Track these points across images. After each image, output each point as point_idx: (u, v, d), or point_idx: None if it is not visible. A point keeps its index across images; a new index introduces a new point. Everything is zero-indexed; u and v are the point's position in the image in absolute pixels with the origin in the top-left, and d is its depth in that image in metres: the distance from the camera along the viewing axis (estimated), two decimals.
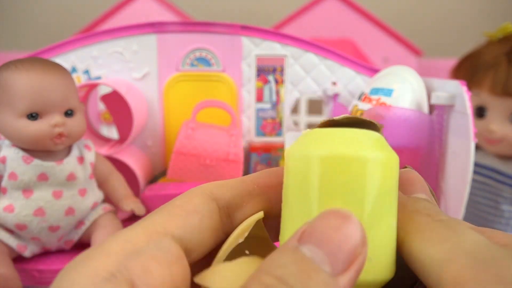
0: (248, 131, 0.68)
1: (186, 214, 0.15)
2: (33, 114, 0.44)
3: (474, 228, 0.16)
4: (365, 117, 0.17)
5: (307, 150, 0.15)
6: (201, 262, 0.17)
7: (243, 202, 0.17)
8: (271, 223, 0.18)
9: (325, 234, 0.13)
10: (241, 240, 0.16)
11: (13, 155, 0.45)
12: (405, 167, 0.20)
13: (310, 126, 0.99)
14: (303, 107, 1.13)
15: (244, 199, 0.17)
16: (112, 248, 0.14)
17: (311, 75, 0.66)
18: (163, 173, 0.65)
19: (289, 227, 0.15)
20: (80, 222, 0.49)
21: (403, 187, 0.18)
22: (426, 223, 0.15)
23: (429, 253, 0.14)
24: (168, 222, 0.15)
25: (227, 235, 0.17)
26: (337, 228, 0.13)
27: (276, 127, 0.68)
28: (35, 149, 0.46)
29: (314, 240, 0.13)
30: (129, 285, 0.13)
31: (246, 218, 0.17)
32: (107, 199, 0.54)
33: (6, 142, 0.46)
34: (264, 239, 0.18)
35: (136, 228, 0.15)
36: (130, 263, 0.13)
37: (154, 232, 0.14)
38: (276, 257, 0.13)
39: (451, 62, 0.81)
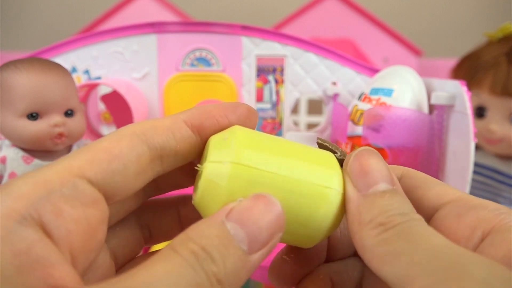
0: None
1: (109, 159, 0.15)
2: (33, 114, 0.44)
3: (440, 200, 0.17)
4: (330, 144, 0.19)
5: None
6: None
7: (176, 145, 0.17)
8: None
9: (250, 216, 0.14)
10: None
11: (13, 155, 0.45)
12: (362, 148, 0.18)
13: (310, 126, 0.99)
14: (303, 107, 1.13)
15: (178, 142, 0.17)
16: (22, 189, 0.13)
17: (311, 75, 0.66)
18: None
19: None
20: None
21: (358, 179, 0.16)
22: (377, 236, 0.15)
23: (388, 273, 0.14)
24: (87, 166, 0.15)
25: (156, 175, 0.17)
26: (262, 213, 0.14)
27: (276, 127, 0.68)
28: (35, 149, 0.46)
29: (239, 219, 0.14)
30: (40, 227, 0.13)
31: (177, 162, 0.18)
32: None
33: (6, 142, 0.46)
34: None
35: (50, 169, 0.14)
36: (40, 205, 0.13)
37: (70, 174, 0.14)
38: (204, 228, 0.14)
39: (451, 62, 0.81)
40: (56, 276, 0.12)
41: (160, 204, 0.21)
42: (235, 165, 0.16)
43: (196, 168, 0.17)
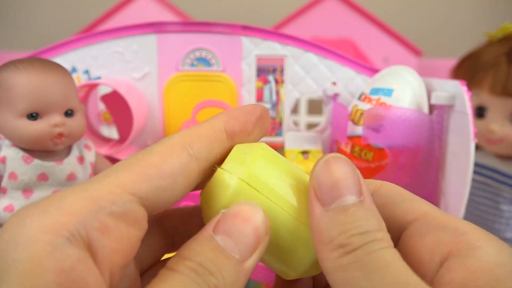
0: None
1: (160, 176, 0.15)
2: (33, 114, 0.44)
3: (404, 219, 0.16)
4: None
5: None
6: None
7: (217, 154, 0.17)
8: None
9: (234, 225, 0.15)
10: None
11: (13, 155, 0.45)
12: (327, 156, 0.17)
13: (310, 126, 0.99)
14: (303, 107, 1.13)
15: (217, 151, 0.17)
16: (73, 206, 0.13)
17: (311, 75, 0.66)
18: None
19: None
20: None
21: (323, 191, 0.15)
22: (337, 260, 0.14)
23: None
24: (137, 183, 0.15)
25: (199, 186, 0.18)
26: (245, 220, 0.15)
27: (276, 127, 0.68)
28: (35, 149, 0.46)
29: (226, 230, 0.15)
30: (86, 246, 0.13)
31: (213, 173, 0.18)
32: None
33: (6, 142, 0.46)
34: None
35: (101, 184, 0.14)
36: (89, 223, 0.13)
37: (121, 191, 0.14)
38: (196, 246, 0.15)
39: (451, 62, 0.81)
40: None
41: (185, 212, 0.21)
42: (241, 182, 0.16)
43: (213, 167, 0.18)
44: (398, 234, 0.16)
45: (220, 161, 0.18)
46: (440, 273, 0.14)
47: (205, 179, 0.18)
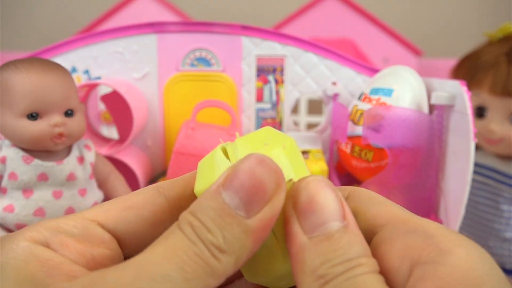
0: (248, 131, 0.68)
1: (122, 208, 0.17)
2: (33, 114, 0.44)
3: (376, 222, 0.16)
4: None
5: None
6: None
7: (194, 196, 0.17)
8: None
9: (241, 180, 0.14)
10: None
11: (13, 155, 0.45)
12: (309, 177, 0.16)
13: (310, 126, 0.99)
14: (303, 107, 1.13)
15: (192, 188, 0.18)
16: (39, 225, 0.15)
17: (311, 75, 0.66)
18: (163, 173, 0.65)
19: None
20: None
21: (305, 218, 0.14)
22: None
23: None
24: (100, 213, 0.17)
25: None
26: (252, 173, 0.14)
27: (276, 127, 0.68)
28: (35, 149, 0.46)
29: (233, 186, 0.14)
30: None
31: None
32: (107, 199, 0.54)
33: (6, 142, 0.46)
34: None
35: (69, 217, 0.16)
36: (50, 237, 0.15)
37: (82, 219, 0.16)
38: (202, 200, 0.14)
39: (451, 62, 0.81)
40: (76, 270, 0.14)
41: None
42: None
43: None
44: (368, 240, 0.16)
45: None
46: (410, 282, 0.13)
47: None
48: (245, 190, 0.14)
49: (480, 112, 0.68)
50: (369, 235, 0.16)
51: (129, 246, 0.17)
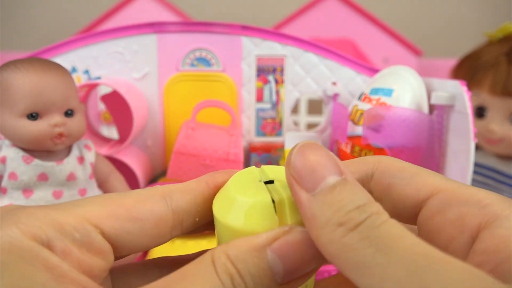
0: (248, 131, 0.68)
1: (127, 218, 0.16)
2: (33, 114, 0.44)
3: (416, 199, 0.16)
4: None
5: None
6: None
7: (198, 207, 0.18)
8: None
9: (292, 252, 0.14)
10: None
11: (13, 155, 0.45)
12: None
13: (310, 126, 0.98)
14: (303, 107, 1.13)
15: (198, 203, 0.18)
16: (39, 217, 0.14)
17: (311, 75, 0.66)
18: (163, 173, 0.65)
19: None
20: None
21: (304, 179, 0.15)
22: (340, 241, 0.13)
23: (362, 285, 0.13)
24: (104, 219, 0.15)
25: (173, 237, 0.18)
26: (302, 252, 0.14)
27: (276, 127, 0.68)
28: (35, 149, 0.46)
29: (281, 253, 0.14)
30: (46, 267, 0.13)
31: (196, 224, 0.18)
32: None
33: (6, 142, 0.46)
34: None
35: (69, 211, 0.15)
36: (52, 242, 0.14)
37: (86, 222, 0.15)
38: (245, 251, 0.14)
39: (451, 62, 0.81)
40: (83, 281, 0.14)
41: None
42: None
43: (195, 220, 0.18)
44: (413, 214, 0.16)
45: (202, 215, 0.18)
46: (473, 248, 0.14)
47: (183, 230, 0.18)
48: (291, 263, 0.14)
49: (480, 112, 0.68)
50: (414, 210, 0.16)
51: (120, 253, 0.16)
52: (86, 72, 0.64)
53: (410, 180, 0.16)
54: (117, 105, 0.64)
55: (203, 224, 0.18)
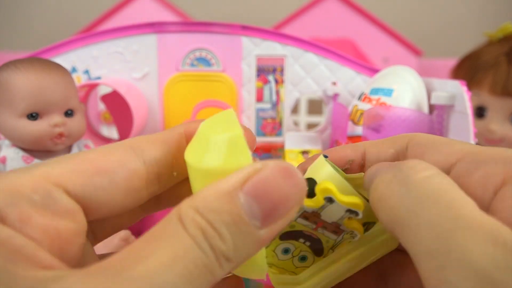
0: None
1: (93, 172, 0.14)
2: (33, 114, 0.44)
3: (447, 163, 0.16)
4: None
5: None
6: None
7: (174, 159, 0.16)
8: None
9: (268, 190, 0.13)
10: None
11: (13, 155, 0.45)
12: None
13: (310, 126, 0.98)
14: (303, 107, 1.13)
15: (173, 154, 0.16)
16: None
17: (311, 75, 0.66)
18: None
19: None
20: None
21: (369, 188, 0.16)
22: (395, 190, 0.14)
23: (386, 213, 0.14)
24: (66, 175, 0.14)
25: (152, 195, 0.16)
26: (279, 186, 0.13)
27: (276, 127, 0.68)
28: (35, 149, 0.46)
29: (255, 193, 0.13)
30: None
31: (176, 178, 0.16)
32: None
33: (6, 142, 0.46)
34: None
35: (26, 173, 0.13)
36: (7, 211, 0.12)
37: (45, 181, 0.13)
38: (214, 199, 0.12)
39: (451, 62, 0.81)
40: (42, 258, 0.12)
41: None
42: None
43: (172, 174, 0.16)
44: None
45: (181, 168, 0.16)
46: (493, 202, 0.14)
47: (161, 186, 0.16)
48: (268, 204, 0.13)
49: (480, 112, 0.68)
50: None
51: (95, 215, 0.14)
52: (86, 72, 0.64)
53: (440, 147, 0.17)
54: (117, 105, 0.64)
55: (186, 178, 0.17)
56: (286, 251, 0.18)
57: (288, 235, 0.18)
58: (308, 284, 0.17)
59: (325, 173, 0.17)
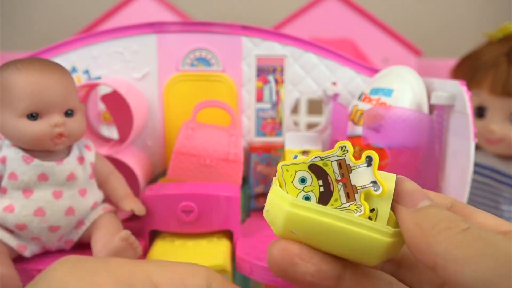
0: (248, 131, 0.68)
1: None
2: (33, 114, 0.44)
3: (499, 229, 0.17)
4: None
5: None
6: None
7: None
8: None
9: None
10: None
11: (13, 155, 0.45)
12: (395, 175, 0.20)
13: (310, 126, 0.98)
14: (303, 107, 1.13)
15: None
16: None
17: (311, 75, 0.66)
18: (163, 173, 0.65)
19: None
20: (80, 222, 0.49)
21: (404, 200, 0.18)
22: (450, 239, 0.15)
23: (470, 276, 0.14)
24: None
25: None
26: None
27: (276, 127, 0.68)
28: (35, 149, 0.46)
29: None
30: None
31: None
32: (107, 199, 0.54)
33: (6, 142, 0.46)
34: None
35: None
36: None
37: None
38: None
39: (451, 62, 0.81)
40: None
41: None
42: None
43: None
44: None
45: None
46: None
47: None
48: None
49: (480, 112, 0.68)
50: None
51: None
52: (86, 72, 0.64)
53: (487, 215, 0.19)
54: (117, 105, 0.64)
55: None
56: (302, 180, 0.20)
57: (317, 168, 0.19)
58: (293, 210, 0.18)
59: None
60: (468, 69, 0.71)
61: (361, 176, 0.18)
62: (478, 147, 0.70)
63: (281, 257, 0.19)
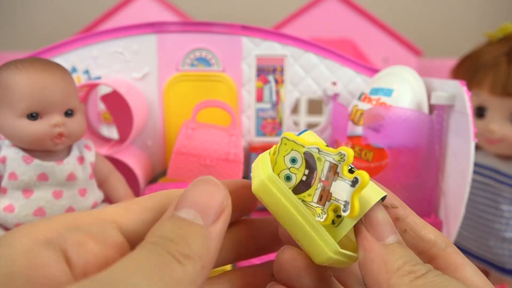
0: (248, 131, 0.68)
1: (141, 210, 0.17)
2: (33, 114, 0.44)
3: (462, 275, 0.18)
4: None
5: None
6: None
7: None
8: None
9: (194, 197, 0.16)
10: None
11: (13, 155, 0.45)
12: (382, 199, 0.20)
13: (310, 126, 0.98)
14: (303, 107, 1.13)
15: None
16: (56, 220, 0.15)
17: (311, 75, 0.66)
18: (163, 173, 0.65)
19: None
20: None
21: (372, 229, 0.18)
22: (411, 283, 0.16)
23: None
24: (120, 213, 0.17)
25: None
26: (203, 191, 0.17)
27: (276, 127, 0.68)
28: (35, 149, 0.46)
29: (186, 204, 0.16)
30: (62, 253, 0.15)
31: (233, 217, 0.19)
32: (107, 199, 0.54)
33: (6, 142, 0.46)
34: None
35: (86, 213, 0.17)
36: (67, 235, 0.15)
37: (101, 219, 0.16)
38: (157, 225, 0.16)
39: (451, 62, 0.81)
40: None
41: (255, 225, 0.23)
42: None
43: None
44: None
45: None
46: None
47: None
48: (199, 204, 0.16)
49: (480, 112, 0.68)
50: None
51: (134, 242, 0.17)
52: (86, 72, 0.64)
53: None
54: (117, 105, 0.64)
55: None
56: (293, 160, 0.20)
57: (310, 158, 0.19)
58: (266, 182, 0.19)
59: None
60: (468, 69, 0.71)
61: (341, 190, 0.18)
62: (478, 147, 0.70)
63: (290, 266, 0.19)
